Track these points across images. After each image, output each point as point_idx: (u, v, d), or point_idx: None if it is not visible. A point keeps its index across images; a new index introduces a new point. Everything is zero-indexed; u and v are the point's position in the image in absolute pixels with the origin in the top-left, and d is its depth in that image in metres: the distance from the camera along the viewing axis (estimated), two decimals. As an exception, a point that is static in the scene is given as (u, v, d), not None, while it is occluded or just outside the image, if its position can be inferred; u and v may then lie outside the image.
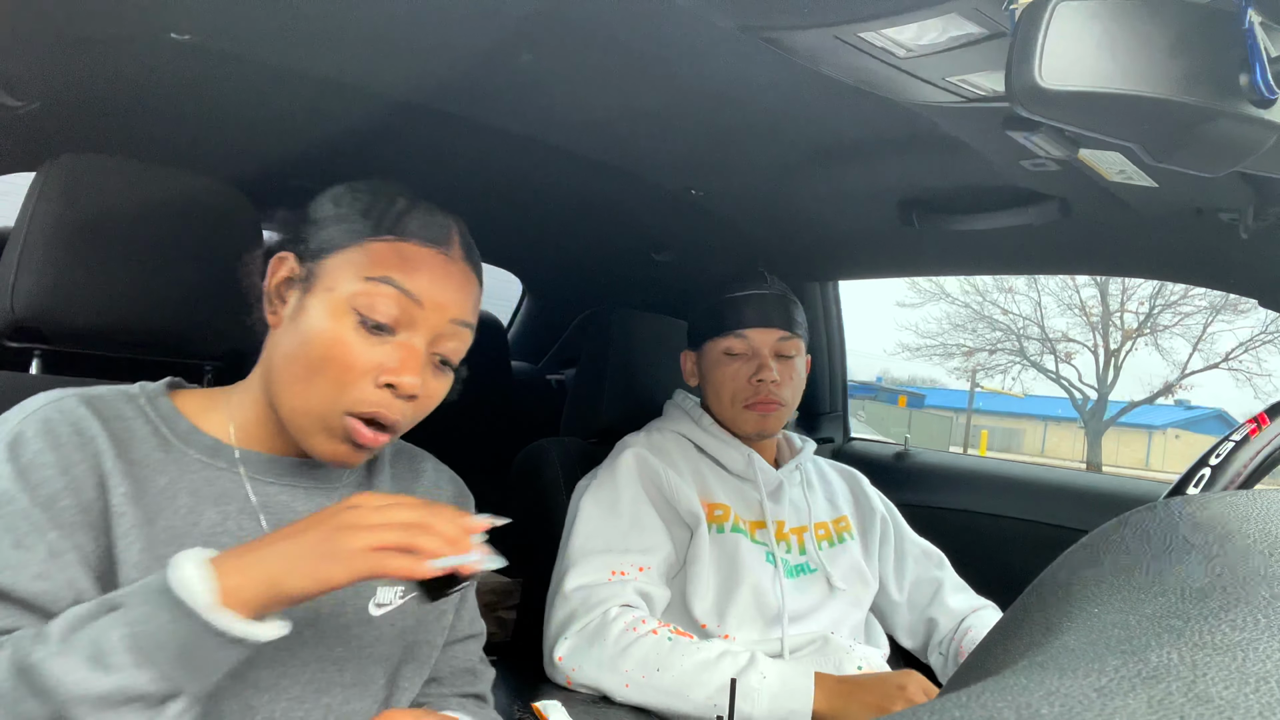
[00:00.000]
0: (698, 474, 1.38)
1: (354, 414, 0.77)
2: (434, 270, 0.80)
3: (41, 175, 1.02)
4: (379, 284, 0.78)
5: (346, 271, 0.79)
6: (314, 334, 0.77)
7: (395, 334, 0.78)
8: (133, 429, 0.79)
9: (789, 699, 1.11)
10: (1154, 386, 20.88)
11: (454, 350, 0.83)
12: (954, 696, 0.27)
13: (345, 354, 0.77)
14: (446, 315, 0.81)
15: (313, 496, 0.85)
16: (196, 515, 0.77)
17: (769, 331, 1.40)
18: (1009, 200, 1.33)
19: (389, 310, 0.78)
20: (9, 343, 1.04)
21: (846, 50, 0.82)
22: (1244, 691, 0.25)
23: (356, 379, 0.77)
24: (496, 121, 1.28)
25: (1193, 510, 0.40)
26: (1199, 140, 0.56)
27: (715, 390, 1.42)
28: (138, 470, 0.76)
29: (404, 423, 0.80)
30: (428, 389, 0.81)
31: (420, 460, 0.99)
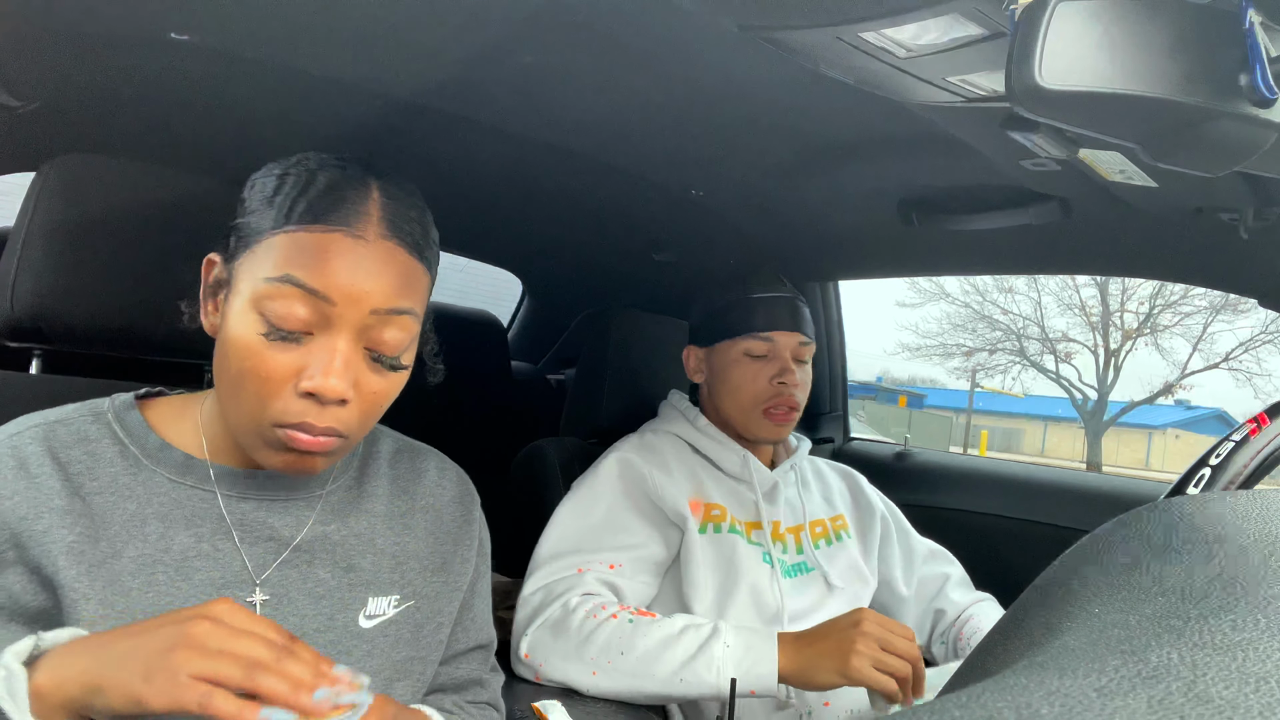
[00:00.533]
0: (691, 475, 1.38)
1: (281, 425, 0.70)
2: (343, 259, 0.70)
3: (41, 175, 1.02)
4: (279, 284, 0.69)
5: (252, 272, 0.72)
6: (230, 343, 0.72)
7: (313, 335, 0.71)
8: (97, 454, 0.75)
9: (754, 663, 1.11)
10: (1154, 386, 20.89)
11: (392, 342, 0.73)
12: (954, 696, 0.27)
13: (258, 365, 0.70)
14: (365, 307, 0.71)
15: (291, 509, 0.80)
16: (168, 541, 0.74)
17: (792, 335, 1.40)
18: (1009, 200, 1.33)
19: (294, 313, 0.69)
20: (9, 343, 1.04)
21: (846, 50, 0.82)
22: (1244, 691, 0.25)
23: (275, 390, 0.70)
24: (497, 121, 1.28)
25: (1193, 510, 0.40)
26: (1199, 140, 0.56)
27: (732, 391, 1.40)
28: (101, 501, 0.73)
29: (347, 428, 0.73)
30: (367, 389, 0.73)
31: (423, 459, 0.93)
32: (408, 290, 0.74)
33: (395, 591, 0.84)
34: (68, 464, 0.73)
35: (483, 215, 1.88)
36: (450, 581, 0.89)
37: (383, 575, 0.84)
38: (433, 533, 0.89)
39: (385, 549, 0.85)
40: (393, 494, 0.89)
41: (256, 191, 0.76)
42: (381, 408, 0.77)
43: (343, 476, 0.86)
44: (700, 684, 1.11)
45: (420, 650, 0.85)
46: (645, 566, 1.29)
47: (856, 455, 2.23)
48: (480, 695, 0.93)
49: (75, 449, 0.75)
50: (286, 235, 0.71)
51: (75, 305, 1.01)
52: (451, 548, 0.90)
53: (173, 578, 0.73)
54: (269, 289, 0.70)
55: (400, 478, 0.90)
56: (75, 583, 0.69)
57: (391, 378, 0.76)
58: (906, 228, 1.48)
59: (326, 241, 0.71)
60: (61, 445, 0.74)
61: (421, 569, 0.87)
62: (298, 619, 0.78)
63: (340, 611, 0.80)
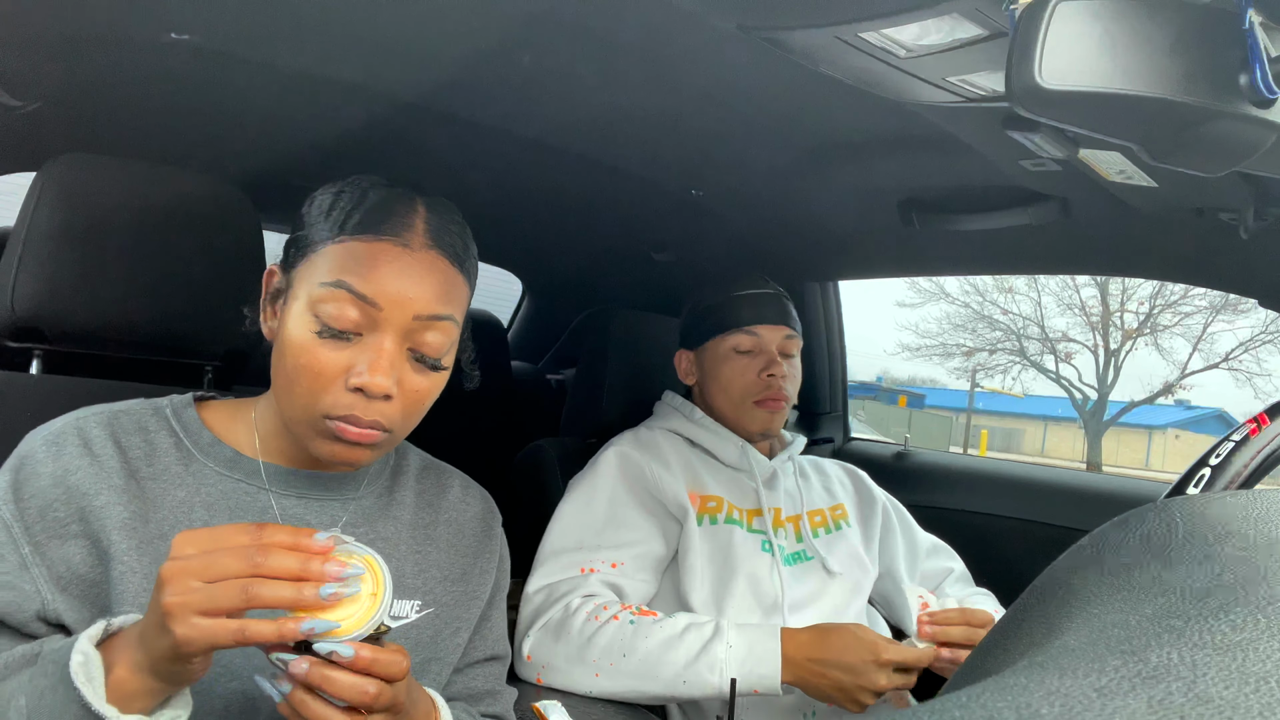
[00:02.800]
0: (688, 467, 1.39)
1: (331, 417, 0.76)
2: (390, 266, 0.77)
3: (41, 175, 1.02)
4: (332, 289, 0.76)
5: (309, 278, 0.78)
6: (287, 344, 0.77)
7: (361, 336, 0.77)
8: (155, 443, 0.81)
9: (757, 664, 1.11)
10: (1154, 386, 20.90)
11: (433, 344, 0.79)
12: (954, 696, 0.27)
13: (311, 361, 0.76)
14: (409, 312, 0.77)
15: (326, 508, 0.85)
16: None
17: (777, 329, 1.43)
18: (1009, 200, 1.33)
19: (346, 315, 0.76)
20: (9, 343, 1.04)
21: (846, 50, 0.82)
22: (1244, 691, 0.25)
23: (327, 384, 0.76)
24: (496, 121, 1.28)
25: (1193, 510, 0.40)
26: (1199, 140, 0.56)
27: (723, 387, 1.43)
28: (154, 486, 0.78)
29: (390, 423, 0.78)
30: (410, 387, 0.79)
31: (448, 477, 0.98)
32: (448, 297, 0.80)
33: (417, 597, 0.88)
34: (127, 449, 0.79)
35: (483, 215, 1.87)
36: (469, 591, 0.93)
37: (405, 580, 0.87)
38: (454, 545, 0.93)
39: (408, 556, 0.89)
40: (418, 506, 0.93)
41: (314, 208, 0.82)
42: (423, 406, 0.82)
43: (375, 484, 0.90)
44: (703, 685, 1.11)
45: (438, 653, 0.89)
46: (646, 564, 1.29)
47: (856, 455, 2.23)
48: (493, 707, 0.96)
49: (135, 436, 0.80)
50: (340, 245, 0.78)
51: (75, 305, 1.01)
52: (471, 560, 0.94)
53: None
54: (323, 293, 0.76)
55: (426, 492, 0.95)
56: (124, 556, 0.74)
57: (433, 377, 0.81)
58: (906, 228, 1.48)
59: (376, 250, 0.77)
60: (123, 431, 0.80)
61: (442, 578, 0.91)
62: None
63: None
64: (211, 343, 1.13)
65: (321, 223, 0.80)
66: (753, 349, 1.42)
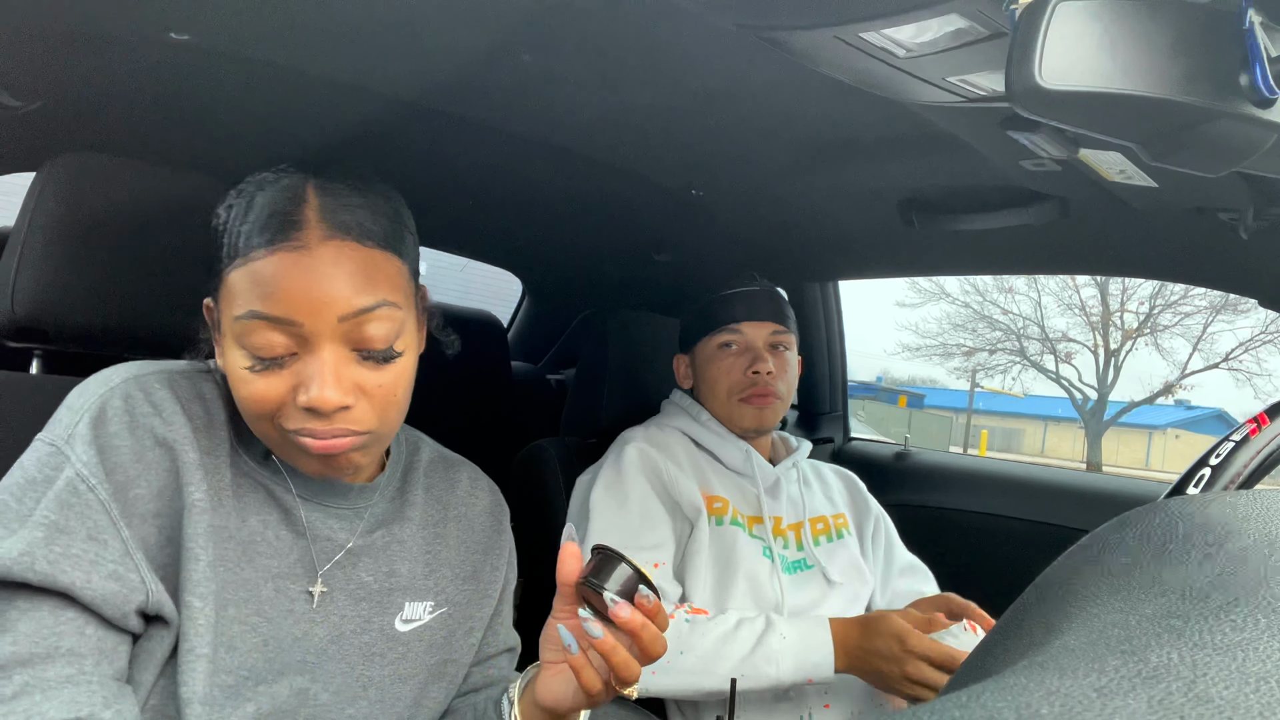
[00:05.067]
0: (697, 468, 1.39)
1: (294, 432, 0.72)
2: (291, 276, 0.69)
3: (41, 175, 1.02)
4: (246, 320, 0.70)
5: (227, 312, 0.72)
6: (230, 377, 0.73)
7: (298, 355, 0.71)
8: (213, 413, 0.77)
9: (811, 652, 1.14)
10: (1154, 386, 20.90)
11: (376, 336, 0.72)
12: (954, 696, 0.27)
13: (254, 393, 0.71)
14: (332, 316, 0.70)
15: (343, 518, 0.83)
16: (241, 519, 0.76)
17: (762, 325, 1.42)
18: (1009, 200, 1.33)
19: (271, 341, 0.69)
20: (9, 343, 1.04)
21: (846, 50, 0.82)
22: (1244, 691, 0.25)
23: (278, 409, 0.71)
24: (496, 121, 1.28)
25: (1193, 510, 0.40)
26: (1199, 140, 0.56)
27: (710, 385, 1.43)
28: (211, 462, 0.75)
29: (364, 425, 0.73)
30: (372, 384, 0.73)
31: (457, 469, 0.96)
32: (370, 284, 0.72)
33: (430, 598, 0.87)
34: (191, 417, 0.75)
35: (483, 215, 1.88)
36: (481, 589, 0.92)
37: (418, 581, 0.86)
38: (464, 542, 0.92)
39: (419, 556, 0.88)
40: (427, 502, 0.91)
41: (212, 229, 0.75)
42: (396, 397, 0.75)
43: (389, 488, 0.88)
44: (760, 677, 1.14)
45: (453, 654, 0.88)
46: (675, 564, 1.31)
47: (857, 455, 2.23)
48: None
49: (195, 404, 0.76)
50: (239, 270, 0.71)
51: (75, 305, 1.01)
52: (482, 557, 0.93)
53: (239, 558, 0.75)
54: (240, 327, 0.70)
55: (434, 486, 0.92)
56: (192, 540, 0.71)
57: (393, 368, 0.74)
58: (906, 228, 1.48)
59: (274, 264, 0.69)
60: (185, 397, 0.76)
61: (454, 576, 0.90)
62: (338, 618, 0.80)
63: (378, 614, 0.83)
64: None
65: (222, 246, 0.73)
66: (738, 346, 1.42)
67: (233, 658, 0.72)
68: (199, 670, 0.69)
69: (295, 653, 0.76)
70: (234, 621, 0.73)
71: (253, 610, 0.74)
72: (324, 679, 0.78)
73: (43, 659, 0.64)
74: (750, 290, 1.45)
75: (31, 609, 0.65)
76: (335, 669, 0.78)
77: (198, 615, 0.70)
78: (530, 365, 2.69)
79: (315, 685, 0.77)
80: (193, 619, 0.69)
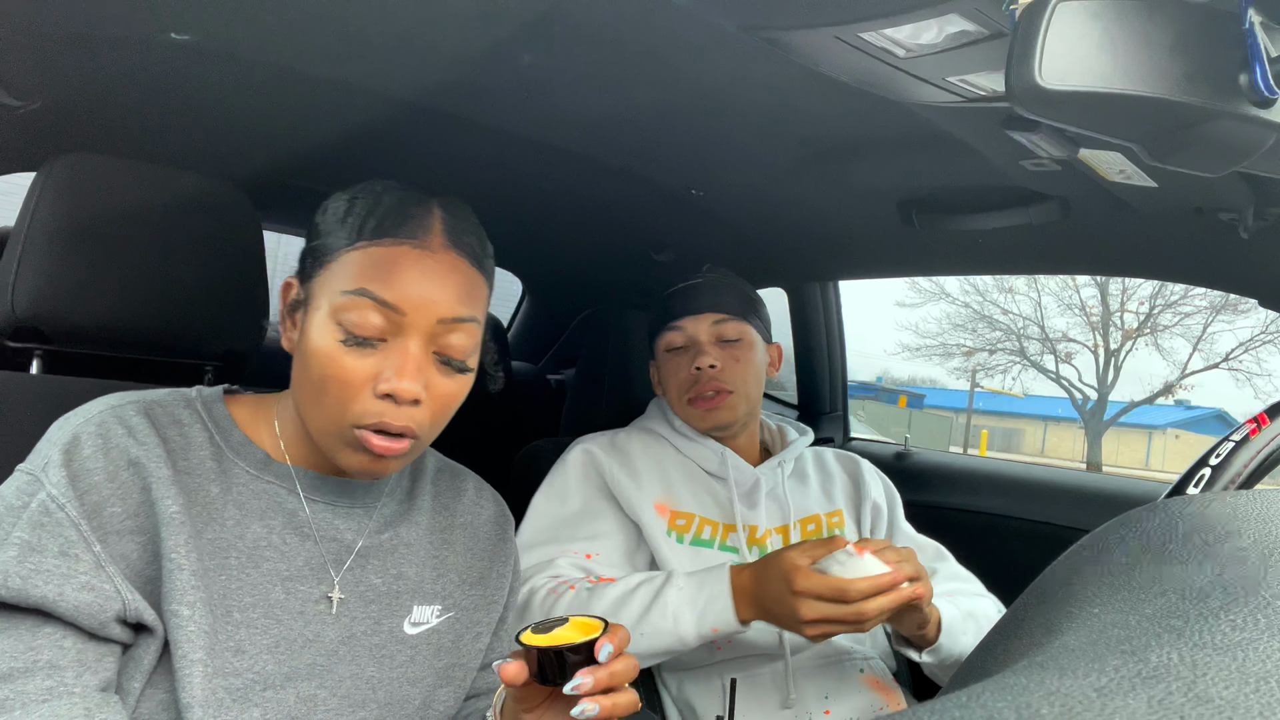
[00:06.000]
0: (663, 477, 1.32)
1: (360, 426, 0.75)
2: (410, 270, 0.76)
3: (41, 175, 1.02)
4: (355, 297, 0.75)
5: (329, 287, 0.77)
6: (311, 354, 0.77)
7: (386, 342, 0.76)
8: (189, 437, 0.79)
9: (709, 601, 1.06)
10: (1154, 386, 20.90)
11: (459, 346, 0.79)
12: (954, 696, 0.27)
13: (338, 371, 0.75)
14: (434, 315, 0.77)
15: (352, 516, 0.84)
16: (242, 529, 0.77)
17: (701, 317, 1.35)
18: (1009, 200, 1.33)
19: (370, 322, 0.75)
20: (9, 343, 1.04)
21: (846, 50, 0.82)
22: (1244, 691, 0.25)
23: (355, 393, 0.75)
24: (496, 121, 1.28)
25: (1193, 510, 0.40)
26: (1199, 140, 0.56)
27: (665, 389, 1.39)
28: (191, 480, 0.77)
29: (419, 428, 0.78)
30: (437, 390, 0.78)
31: (463, 479, 0.98)
32: (470, 299, 0.80)
33: (437, 602, 0.88)
34: (167, 440, 0.77)
35: (483, 215, 1.87)
36: (487, 595, 0.93)
37: (425, 585, 0.88)
38: (470, 548, 0.93)
39: (427, 560, 0.89)
40: (435, 509, 0.93)
41: (329, 216, 0.81)
42: (450, 409, 0.81)
43: (397, 488, 0.90)
44: (659, 633, 1.07)
45: (460, 658, 0.89)
46: (618, 556, 1.26)
47: (856, 455, 2.23)
48: None
49: (171, 429, 0.79)
50: (359, 251, 0.77)
51: (75, 305, 1.01)
52: (488, 563, 0.94)
53: (243, 564, 0.76)
54: (345, 301, 0.76)
55: (442, 494, 0.94)
56: (174, 552, 0.72)
57: (459, 380, 0.81)
58: (906, 228, 1.48)
59: (396, 255, 0.77)
60: (160, 423, 0.78)
61: (460, 581, 0.91)
62: (349, 620, 0.81)
63: (388, 617, 0.84)
64: (211, 343, 1.13)
65: (338, 230, 0.79)
66: (683, 344, 1.36)
67: (241, 661, 0.73)
68: (195, 675, 0.70)
69: (307, 654, 0.77)
70: (240, 626, 0.74)
71: (262, 614, 0.76)
72: (332, 683, 0.78)
73: (22, 673, 0.66)
74: (692, 284, 1.38)
75: (9, 626, 0.67)
76: (345, 671, 0.79)
77: (186, 623, 0.71)
78: (530, 365, 2.69)
79: (323, 691, 0.77)
80: (182, 626, 0.71)
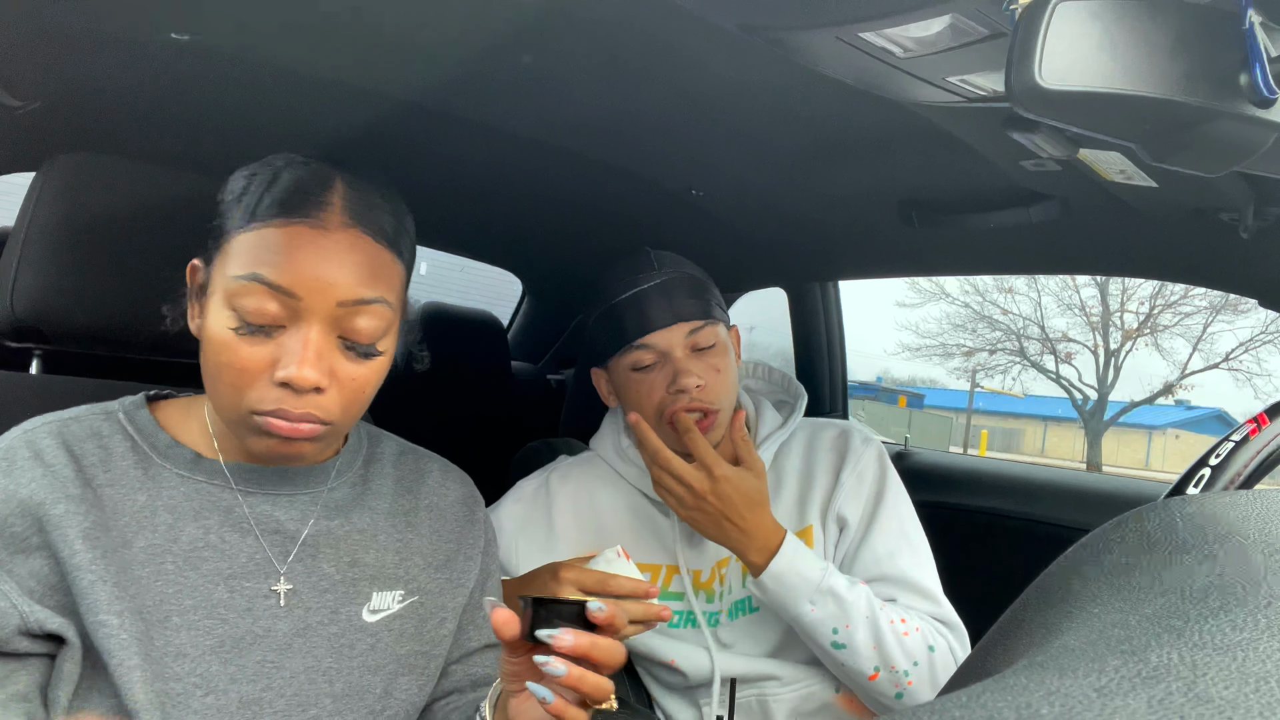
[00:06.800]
0: (596, 523, 1.22)
1: (258, 413, 0.73)
2: (305, 251, 0.72)
3: (41, 175, 1.02)
4: (247, 282, 0.71)
5: (223, 271, 0.74)
6: (208, 341, 0.74)
7: (285, 328, 0.72)
8: (109, 448, 0.78)
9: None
10: (1154, 386, 20.90)
11: (365, 330, 0.74)
12: (954, 696, 0.27)
13: (233, 358, 0.72)
14: (332, 298, 0.72)
15: (295, 504, 0.82)
16: (176, 532, 0.76)
17: (676, 329, 1.14)
18: (1009, 200, 1.33)
19: (264, 308, 0.71)
20: (9, 343, 1.04)
21: (846, 50, 0.82)
22: (1244, 691, 0.25)
23: (251, 380, 0.72)
24: (496, 121, 1.28)
25: (1193, 510, 0.40)
26: (1199, 140, 0.56)
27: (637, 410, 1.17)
28: (112, 493, 0.75)
29: (327, 414, 0.74)
30: (345, 375, 0.74)
31: (426, 461, 0.96)
32: (374, 279, 0.75)
33: (399, 587, 0.86)
34: (80, 456, 0.76)
35: (483, 215, 1.88)
36: (454, 578, 0.91)
37: (386, 570, 0.86)
38: (436, 530, 0.91)
39: (389, 545, 0.87)
40: (397, 493, 0.91)
41: (227, 193, 0.78)
42: (364, 394, 0.78)
43: (346, 473, 0.88)
44: None
45: (424, 645, 0.86)
46: None
47: (856, 455, 2.23)
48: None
49: (88, 443, 0.77)
50: (252, 233, 0.73)
51: (75, 305, 1.01)
52: (455, 546, 0.92)
53: (181, 567, 0.75)
54: (238, 286, 0.72)
55: (404, 478, 0.92)
56: (92, 565, 0.71)
57: (369, 365, 0.77)
58: (906, 228, 1.48)
59: (290, 235, 0.72)
60: (74, 439, 0.77)
61: (425, 565, 0.89)
62: (303, 611, 0.79)
63: (344, 605, 0.82)
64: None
65: (234, 210, 0.75)
66: (653, 362, 1.15)
67: (182, 665, 0.72)
68: (135, 680, 0.70)
69: (256, 652, 0.76)
70: (180, 629, 0.73)
71: (204, 614, 0.74)
72: (281, 682, 0.76)
73: None
74: (651, 287, 1.16)
75: None
76: (299, 665, 0.77)
77: (117, 631, 0.70)
78: (530, 365, 2.69)
79: (269, 693, 0.75)
80: (112, 635, 0.70)
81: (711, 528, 1.08)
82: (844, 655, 1.07)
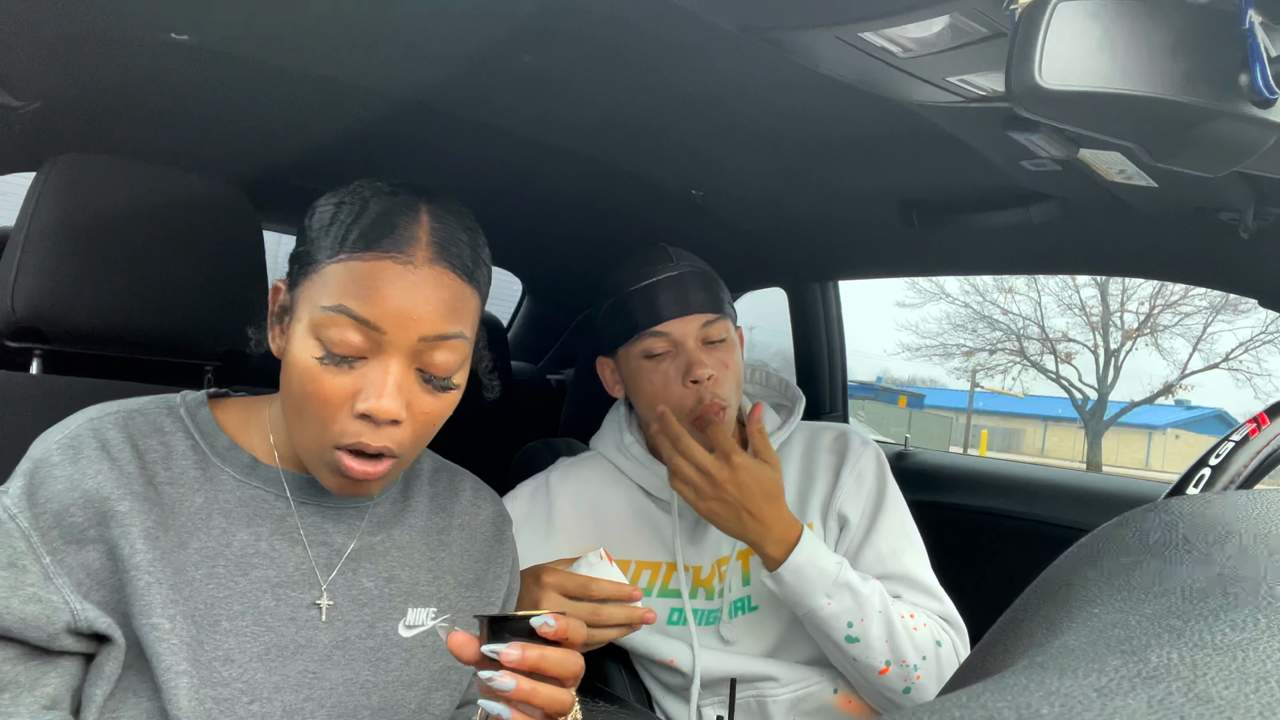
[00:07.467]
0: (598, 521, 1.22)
1: (339, 446, 0.74)
2: (392, 287, 0.73)
3: (41, 175, 1.02)
4: (333, 313, 0.72)
5: (311, 300, 0.75)
6: (292, 367, 0.75)
7: (366, 360, 0.74)
8: (172, 445, 0.78)
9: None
10: (1154, 386, 20.89)
11: (442, 364, 0.76)
12: (954, 696, 0.27)
13: (316, 388, 0.73)
14: (415, 333, 0.73)
15: (343, 518, 0.83)
16: (229, 537, 0.77)
17: (691, 319, 1.15)
18: (1009, 200, 1.33)
19: (348, 340, 0.72)
20: (9, 343, 1.04)
21: (846, 50, 0.82)
22: (1244, 691, 0.25)
23: (334, 412, 0.73)
24: (497, 121, 1.28)
25: (1193, 510, 0.40)
26: (1199, 140, 0.56)
27: (647, 404, 1.18)
28: (171, 491, 0.76)
29: (399, 448, 0.75)
30: (419, 409, 0.76)
31: (460, 479, 0.96)
32: (455, 315, 0.76)
33: (433, 604, 0.87)
34: (144, 452, 0.76)
35: (483, 215, 1.87)
36: (484, 596, 0.92)
37: (421, 587, 0.87)
38: (467, 550, 0.92)
39: (422, 563, 0.88)
40: (431, 510, 0.91)
41: (315, 221, 0.78)
42: (434, 427, 0.79)
43: (390, 490, 0.89)
44: None
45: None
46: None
47: (856, 455, 2.23)
48: None
49: (151, 439, 0.77)
50: (340, 264, 0.74)
51: (75, 305, 1.01)
52: (485, 565, 0.93)
53: (231, 572, 0.76)
54: (324, 317, 0.73)
55: (439, 495, 0.93)
56: (150, 566, 0.71)
57: (443, 398, 0.78)
58: (906, 228, 1.48)
59: (377, 270, 0.73)
60: (139, 433, 0.77)
61: (456, 583, 0.90)
62: (343, 624, 0.80)
63: (382, 620, 0.83)
64: (211, 343, 1.13)
65: (322, 239, 0.76)
66: (667, 351, 1.16)
67: (230, 670, 0.72)
68: (181, 687, 0.70)
69: (299, 661, 0.76)
70: (229, 634, 0.73)
71: (252, 621, 0.75)
72: (322, 693, 0.77)
73: None
74: (667, 278, 1.17)
75: None
76: (339, 676, 0.78)
77: (169, 635, 0.70)
78: (530, 365, 2.69)
79: (310, 703, 0.76)
80: (164, 639, 0.70)
81: (730, 519, 1.08)
82: (857, 649, 1.07)
